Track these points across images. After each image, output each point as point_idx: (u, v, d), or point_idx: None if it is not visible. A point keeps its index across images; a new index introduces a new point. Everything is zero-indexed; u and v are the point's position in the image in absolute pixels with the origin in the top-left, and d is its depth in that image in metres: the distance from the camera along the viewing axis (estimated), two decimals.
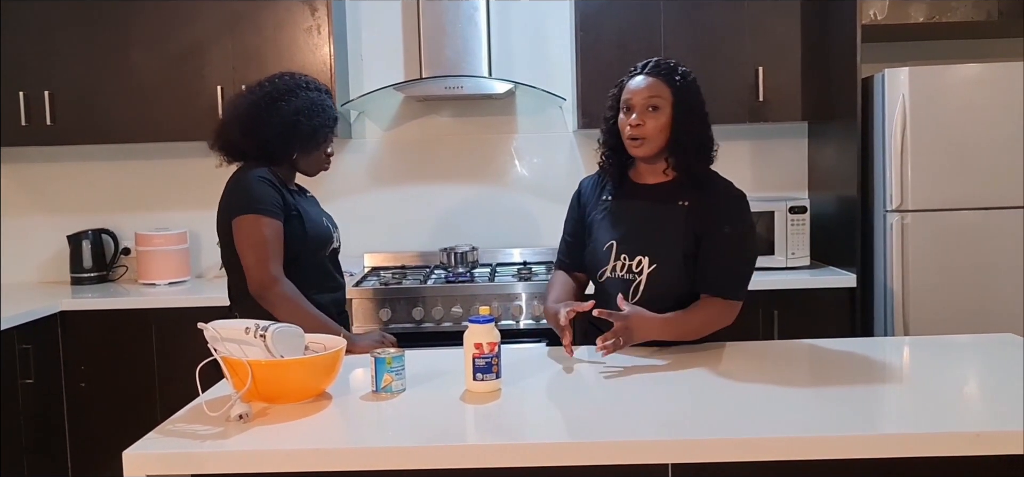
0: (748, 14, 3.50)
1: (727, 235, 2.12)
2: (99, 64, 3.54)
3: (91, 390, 3.34)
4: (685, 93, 2.13)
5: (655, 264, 2.13)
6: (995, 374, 1.96)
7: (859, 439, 1.51)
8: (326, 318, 2.25)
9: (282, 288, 2.18)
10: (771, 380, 1.90)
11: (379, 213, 3.91)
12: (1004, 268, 3.15)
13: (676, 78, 2.13)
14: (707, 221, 2.13)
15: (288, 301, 2.18)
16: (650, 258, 2.14)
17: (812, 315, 3.27)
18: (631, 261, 2.16)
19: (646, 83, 2.13)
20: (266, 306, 2.17)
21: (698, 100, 2.16)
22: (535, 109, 3.90)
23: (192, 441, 1.56)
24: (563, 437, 1.60)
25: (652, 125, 2.11)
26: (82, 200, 3.93)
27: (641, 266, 2.14)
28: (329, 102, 2.40)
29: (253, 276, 2.19)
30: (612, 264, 2.19)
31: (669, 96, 2.12)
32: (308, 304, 2.22)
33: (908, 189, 3.14)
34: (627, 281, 2.16)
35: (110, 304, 3.35)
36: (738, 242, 2.15)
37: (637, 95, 2.13)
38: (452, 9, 3.58)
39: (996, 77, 3.13)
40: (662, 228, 2.15)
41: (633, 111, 2.13)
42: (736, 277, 2.15)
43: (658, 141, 2.13)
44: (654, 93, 2.12)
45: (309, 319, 2.14)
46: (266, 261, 2.18)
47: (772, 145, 3.86)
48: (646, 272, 2.13)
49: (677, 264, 2.13)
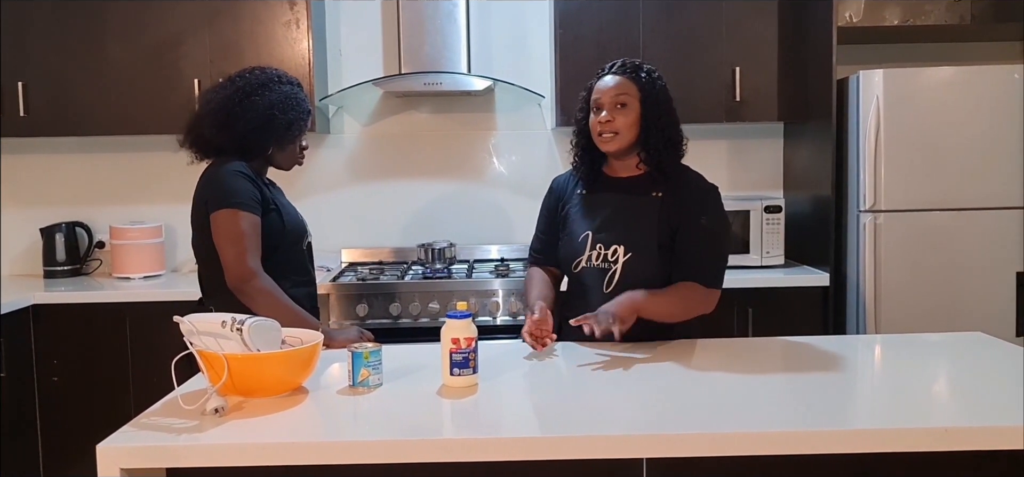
0: (725, 15, 3.53)
1: (704, 226, 2.19)
2: (74, 56, 3.50)
3: (64, 384, 3.30)
4: (651, 89, 2.22)
5: (630, 253, 2.19)
6: (964, 371, 1.99)
7: (831, 434, 1.53)
8: (304, 312, 2.25)
9: (261, 282, 2.18)
10: (745, 376, 1.92)
11: (357, 208, 3.90)
12: (974, 268, 3.20)
13: (642, 75, 2.23)
14: (682, 213, 2.19)
15: (266, 294, 2.17)
16: (625, 247, 2.19)
17: (786, 313, 3.31)
18: (606, 250, 2.21)
19: (614, 82, 2.22)
20: (244, 300, 2.16)
21: (665, 96, 2.24)
22: (514, 106, 3.91)
23: (167, 435, 1.55)
24: (539, 431, 1.61)
25: (622, 121, 2.19)
26: (56, 193, 3.88)
27: (616, 255, 2.20)
28: (302, 95, 2.39)
29: (232, 271, 2.18)
30: (587, 254, 2.24)
31: (636, 93, 2.21)
32: (286, 298, 2.21)
33: (881, 190, 3.18)
34: (602, 270, 2.21)
35: (84, 298, 3.32)
36: (714, 232, 2.21)
37: (606, 94, 2.21)
38: (431, 5, 3.58)
39: (968, 80, 3.18)
40: (637, 218, 2.21)
41: (603, 109, 2.21)
42: (713, 265, 2.22)
43: (628, 136, 2.20)
44: (622, 91, 2.20)
45: (287, 312, 2.14)
46: (244, 255, 2.17)
47: (748, 145, 3.89)
48: (621, 261, 2.19)
49: (652, 253, 2.18)
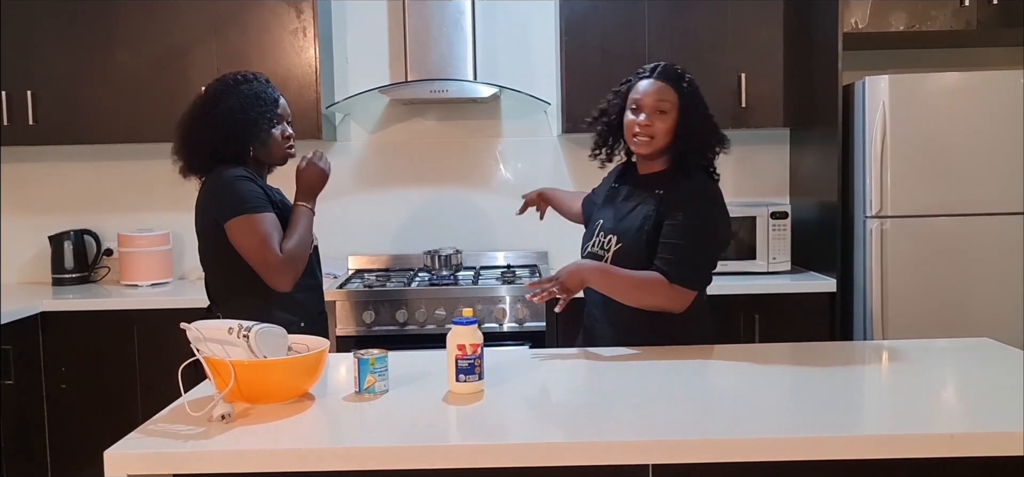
0: (731, 20, 3.53)
1: (681, 222, 2.18)
2: (82, 64, 3.52)
3: (72, 391, 3.31)
4: (691, 98, 2.26)
5: (621, 244, 2.25)
6: (971, 377, 1.99)
7: (837, 440, 1.53)
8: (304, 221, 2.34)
9: (282, 261, 2.21)
10: (752, 382, 1.92)
11: (363, 215, 3.91)
12: (981, 274, 3.19)
13: (684, 84, 2.27)
14: (669, 208, 2.21)
15: (293, 260, 2.24)
16: (618, 238, 2.26)
17: (792, 319, 3.30)
18: (605, 239, 2.30)
19: (656, 87, 2.25)
20: (285, 286, 2.23)
21: (702, 105, 2.29)
22: (520, 113, 3.92)
23: (174, 441, 1.55)
24: (544, 437, 1.61)
25: (659, 127, 2.24)
26: (64, 200, 3.91)
27: (610, 244, 2.27)
28: (264, 89, 2.35)
29: (264, 273, 2.22)
30: (594, 240, 2.34)
31: (676, 101, 2.25)
32: (297, 230, 2.28)
33: (887, 195, 3.17)
34: (599, 256, 2.29)
35: (92, 305, 3.33)
36: (691, 230, 2.19)
37: (647, 96, 2.25)
38: (438, 12, 3.60)
39: (975, 85, 3.18)
40: (634, 212, 2.27)
41: (642, 112, 2.25)
42: (682, 260, 2.17)
43: (661, 142, 2.26)
44: (663, 97, 2.24)
45: (306, 235, 2.30)
46: (268, 254, 2.20)
47: (754, 151, 3.89)
48: (612, 250, 2.25)
49: (640, 246, 2.22)
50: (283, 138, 2.39)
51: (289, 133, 2.41)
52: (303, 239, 2.29)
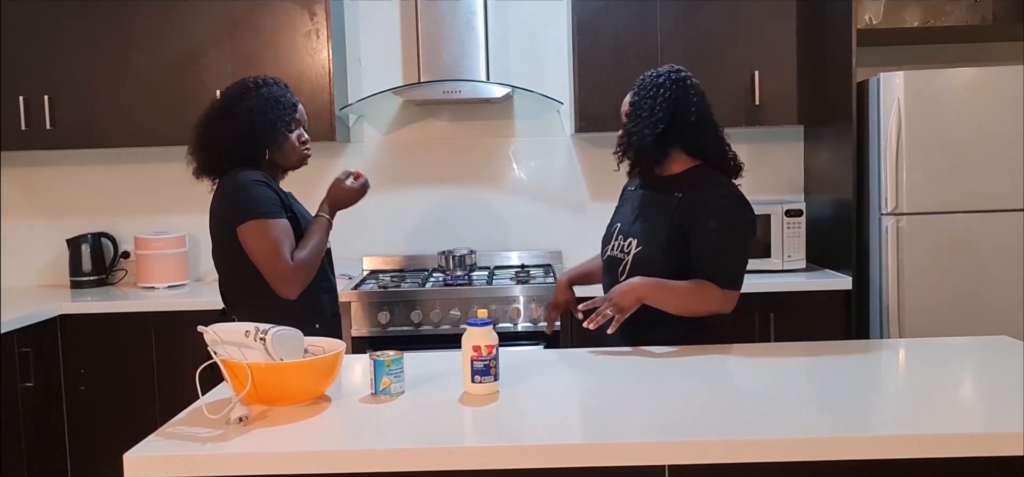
0: (744, 18, 3.52)
1: (714, 229, 2.19)
2: (98, 68, 3.55)
3: (91, 393, 3.34)
4: (643, 92, 2.31)
5: (641, 246, 2.24)
6: (990, 376, 1.97)
7: (854, 440, 1.53)
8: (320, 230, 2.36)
9: (292, 269, 2.22)
10: (767, 382, 1.91)
11: (377, 216, 3.92)
12: (999, 271, 3.17)
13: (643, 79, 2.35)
14: (695, 215, 2.20)
15: (303, 269, 2.24)
16: (638, 241, 2.26)
17: (808, 317, 3.29)
18: (624, 242, 2.30)
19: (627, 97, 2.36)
20: (292, 293, 2.23)
21: (656, 95, 2.29)
22: (533, 113, 3.92)
23: (192, 444, 1.57)
24: (561, 439, 1.61)
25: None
26: (81, 204, 3.94)
27: (630, 247, 2.27)
28: (283, 93, 2.37)
29: (273, 280, 2.22)
30: (613, 243, 2.34)
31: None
32: (312, 241, 2.29)
33: (903, 192, 3.15)
34: (618, 260, 2.29)
35: (109, 307, 3.36)
36: (726, 236, 2.20)
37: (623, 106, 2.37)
38: (450, 13, 3.60)
39: (991, 81, 3.15)
40: (654, 214, 2.27)
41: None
42: (727, 265, 2.21)
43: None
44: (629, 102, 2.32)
45: (320, 246, 2.32)
46: (278, 261, 2.21)
47: (768, 148, 3.88)
48: (632, 253, 2.25)
49: (660, 249, 2.21)
50: (299, 142, 2.41)
51: (305, 138, 2.43)
52: (316, 250, 2.30)
